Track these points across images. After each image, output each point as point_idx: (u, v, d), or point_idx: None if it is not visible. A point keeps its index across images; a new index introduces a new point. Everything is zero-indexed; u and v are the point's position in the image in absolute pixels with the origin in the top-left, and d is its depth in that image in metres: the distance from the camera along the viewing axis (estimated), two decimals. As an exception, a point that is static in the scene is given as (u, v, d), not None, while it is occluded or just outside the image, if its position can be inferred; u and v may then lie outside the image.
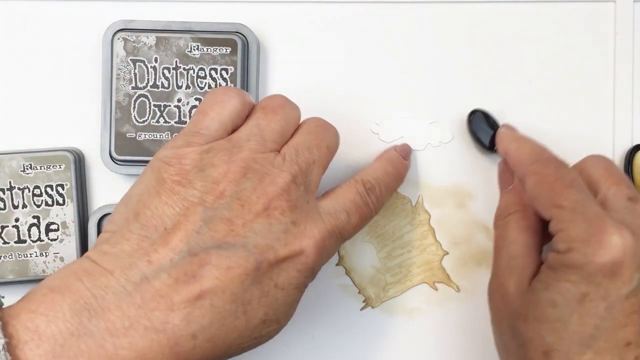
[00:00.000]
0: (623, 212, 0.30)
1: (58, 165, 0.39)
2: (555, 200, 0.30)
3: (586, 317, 0.28)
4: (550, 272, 0.29)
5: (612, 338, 0.28)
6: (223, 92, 0.32)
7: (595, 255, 0.28)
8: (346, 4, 0.41)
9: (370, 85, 0.40)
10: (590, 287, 0.28)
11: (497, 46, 0.40)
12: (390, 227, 0.40)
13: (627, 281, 0.28)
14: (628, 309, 0.28)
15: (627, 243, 0.28)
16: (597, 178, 0.32)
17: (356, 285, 0.40)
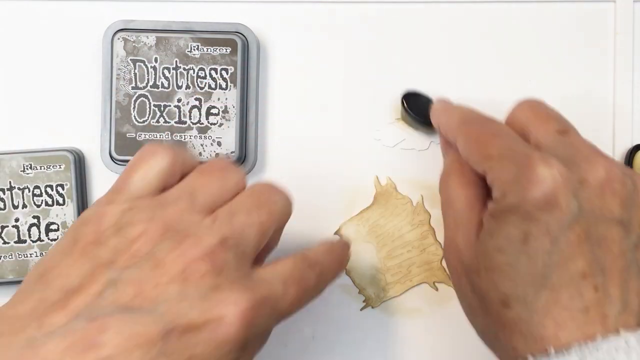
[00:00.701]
0: (555, 147, 0.30)
1: (58, 165, 0.39)
2: (483, 152, 0.30)
3: (534, 256, 0.28)
4: (492, 220, 0.29)
5: (565, 272, 0.27)
6: (151, 149, 0.30)
7: (528, 191, 0.28)
8: (346, 4, 0.41)
9: (370, 85, 0.40)
10: (531, 224, 0.28)
11: (497, 46, 0.40)
12: (390, 227, 0.40)
13: (565, 210, 0.27)
14: (574, 239, 0.27)
15: (557, 172, 0.28)
16: (525, 123, 0.32)
17: (356, 285, 0.40)
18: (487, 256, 0.29)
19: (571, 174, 0.28)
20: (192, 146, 0.38)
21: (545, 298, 0.27)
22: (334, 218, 0.40)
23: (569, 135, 0.31)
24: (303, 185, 0.40)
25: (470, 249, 0.30)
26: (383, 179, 0.40)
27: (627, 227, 0.28)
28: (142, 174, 0.29)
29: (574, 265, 0.27)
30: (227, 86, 0.38)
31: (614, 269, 0.28)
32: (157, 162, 0.30)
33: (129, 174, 0.30)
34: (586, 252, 0.27)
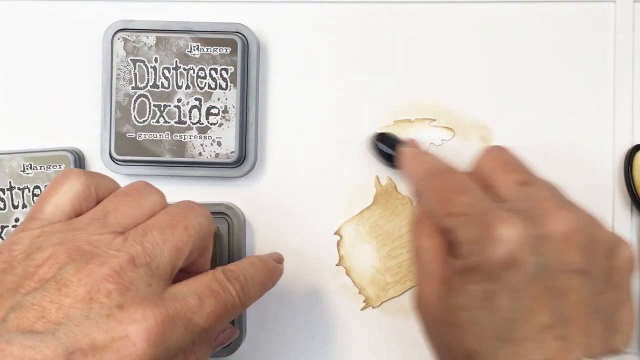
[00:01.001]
0: (516, 199, 0.31)
1: (58, 165, 0.39)
2: (448, 209, 0.31)
3: (497, 312, 0.28)
4: (457, 278, 0.30)
5: (528, 326, 0.28)
6: (64, 175, 0.30)
7: (490, 251, 0.28)
8: (346, 5, 0.41)
9: (370, 86, 0.40)
10: (494, 283, 0.28)
11: (497, 46, 0.40)
12: (390, 227, 0.40)
13: (526, 268, 0.28)
14: (536, 294, 0.28)
15: (517, 231, 0.28)
16: (489, 173, 0.33)
17: (356, 285, 0.40)
18: (452, 312, 0.30)
19: (531, 230, 0.28)
20: (192, 146, 0.38)
21: (509, 351, 0.28)
22: (334, 218, 0.40)
23: (531, 186, 0.31)
24: (303, 185, 0.40)
25: (437, 303, 0.31)
26: (383, 179, 0.40)
27: (588, 275, 0.29)
28: (55, 200, 0.30)
29: (537, 318, 0.28)
30: (227, 86, 0.38)
31: (577, 317, 0.28)
32: (69, 187, 0.30)
33: (42, 200, 0.30)
34: (548, 305, 0.28)
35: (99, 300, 0.26)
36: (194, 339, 0.28)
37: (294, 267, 0.40)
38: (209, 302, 0.28)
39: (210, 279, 0.29)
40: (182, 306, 0.28)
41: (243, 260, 0.32)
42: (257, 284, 0.31)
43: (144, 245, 0.28)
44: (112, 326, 0.26)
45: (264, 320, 0.40)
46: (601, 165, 0.40)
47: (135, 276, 0.27)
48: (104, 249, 0.27)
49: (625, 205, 0.40)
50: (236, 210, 0.39)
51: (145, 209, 0.30)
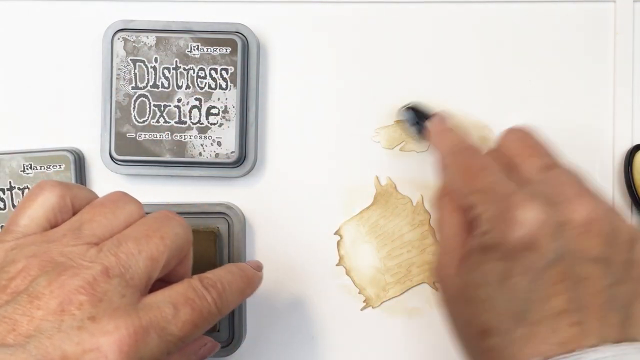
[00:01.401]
0: (540, 183, 0.31)
1: (58, 165, 0.39)
2: (469, 187, 0.31)
3: (513, 292, 0.29)
4: (474, 255, 0.30)
5: (543, 309, 0.28)
6: (39, 186, 0.30)
7: (509, 232, 0.29)
8: (346, 5, 0.41)
9: (370, 86, 0.40)
10: (511, 263, 0.29)
11: (497, 46, 0.40)
12: (390, 227, 0.40)
13: (544, 252, 0.28)
14: (553, 279, 0.28)
15: (538, 215, 0.28)
16: (513, 154, 0.33)
17: (356, 285, 0.40)
18: (470, 288, 0.30)
19: (552, 215, 0.29)
20: (192, 146, 0.38)
21: (523, 332, 0.28)
22: (333, 218, 0.40)
23: (554, 170, 0.31)
24: (303, 185, 0.40)
25: (456, 277, 0.31)
26: (383, 179, 0.40)
27: (607, 264, 0.29)
28: (29, 213, 0.30)
29: (554, 302, 0.28)
30: (227, 86, 0.38)
31: (593, 305, 0.28)
32: (44, 199, 0.30)
33: (17, 213, 0.30)
34: (565, 290, 0.28)
35: (71, 312, 0.26)
36: (169, 348, 0.28)
37: (294, 267, 0.40)
38: (184, 310, 0.28)
39: (186, 287, 0.29)
40: (156, 315, 0.27)
41: (220, 268, 0.32)
42: (235, 291, 0.31)
43: (118, 255, 0.28)
44: (84, 338, 0.26)
45: (264, 320, 0.40)
46: (601, 165, 0.40)
47: (109, 287, 0.27)
48: (77, 261, 0.27)
49: (625, 205, 0.40)
50: (236, 210, 0.39)
51: (121, 219, 0.30)
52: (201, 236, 0.38)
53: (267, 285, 0.40)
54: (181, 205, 0.39)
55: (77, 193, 0.31)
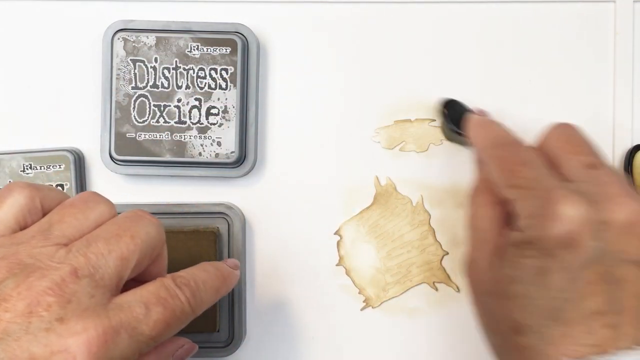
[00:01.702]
0: (583, 181, 0.30)
1: (58, 165, 0.39)
2: (511, 180, 0.31)
3: (550, 290, 0.28)
4: (512, 250, 0.30)
5: (579, 309, 0.28)
6: (8, 188, 0.30)
7: (549, 228, 0.28)
8: (346, 5, 0.41)
9: (370, 85, 0.40)
10: (550, 260, 0.28)
11: (497, 46, 0.40)
12: (390, 227, 0.40)
13: (584, 250, 0.28)
14: (591, 279, 0.28)
15: (580, 212, 0.28)
16: (557, 151, 0.32)
17: (356, 286, 0.40)
18: (505, 283, 0.30)
19: (594, 214, 0.28)
20: (192, 146, 0.38)
21: (558, 331, 0.28)
22: (333, 218, 0.40)
23: (598, 169, 0.31)
24: (303, 185, 0.40)
25: (490, 272, 0.31)
26: (383, 179, 0.40)
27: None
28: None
29: (590, 303, 0.28)
30: (227, 86, 0.38)
31: (630, 308, 0.28)
32: (13, 201, 0.29)
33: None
34: (602, 292, 0.28)
35: (39, 314, 0.26)
36: (141, 348, 0.28)
37: (294, 267, 0.40)
38: (156, 309, 0.28)
39: (158, 286, 0.29)
40: (127, 315, 0.27)
41: (194, 267, 0.31)
42: (210, 289, 0.31)
43: (87, 256, 0.28)
44: (52, 340, 0.25)
45: (264, 320, 0.40)
46: (601, 165, 0.40)
47: (77, 288, 0.27)
48: (46, 262, 0.27)
49: (625, 205, 0.40)
50: (236, 210, 0.39)
51: (91, 219, 0.30)
52: (201, 236, 0.38)
53: (267, 285, 0.40)
54: (181, 205, 0.39)
55: (47, 194, 0.31)
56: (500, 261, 0.30)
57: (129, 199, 0.40)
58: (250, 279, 0.40)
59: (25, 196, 0.30)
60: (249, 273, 0.40)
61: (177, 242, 0.38)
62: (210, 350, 0.39)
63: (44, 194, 0.30)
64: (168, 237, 0.38)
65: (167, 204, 0.39)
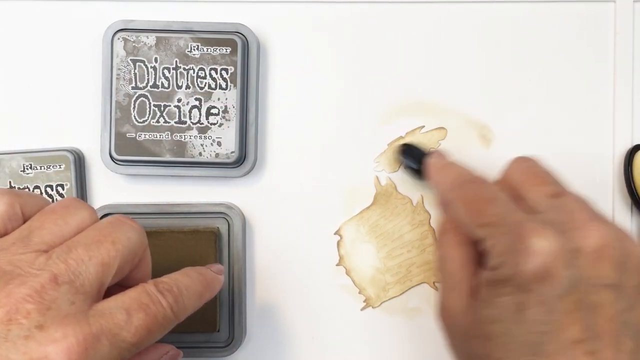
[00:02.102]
0: (549, 211, 0.30)
1: (58, 165, 0.39)
2: (477, 220, 0.31)
3: (528, 325, 0.28)
4: (487, 289, 0.30)
5: (558, 340, 0.28)
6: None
7: (523, 263, 0.28)
8: (346, 5, 0.41)
9: (370, 85, 0.40)
10: (526, 295, 0.28)
11: (497, 46, 0.40)
12: (390, 227, 0.40)
13: (559, 281, 0.28)
14: (568, 308, 0.28)
15: (551, 244, 0.28)
16: (519, 184, 0.32)
17: (356, 285, 0.40)
18: (482, 324, 0.30)
19: (564, 243, 0.28)
20: (192, 146, 0.38)
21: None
22: (333, 218, 0.40)
23: (562, 197, 0.31)
24: (303, 185, 0.40)
25: (464, 314, 0.31)
26: (383, 179, 0.40)
27: (620, 290, 0.29)
28: None
29: (568, 332, 0.28)
30: (227, 86, 0.38)
31: (607, 332, 0.28)
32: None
33: None
34: (580, 319, 0.28)
35: (18, 322, 0.26)
36: (122, 355, 0.27)
37: (294, 267, 0.40)
38: (138, 315, 0.28)
39: (140, 292, 0.29)
40: (108, 322, 0.27)
41: (177, 272, 0.31)
42: (193, 295, 0.31)
43: (67, 262, 0.27)
44: (31, 347, 0.25)
45: (264, 320, 0.40)
46: (601, 165, 0.40)
47: (57, 294, 0.26)
48: (25, 269, 0.27)
49: (625, 205, 0.40)
50: (236, 210, 0.39)
51: (72, 225, 0.29)
52: (201, 236, 0.38)
53: (267, 285, 0.40)
54: (181, 205, 0.39)
55: (27, 200, 0.30)
56: (476, 302, 0.30)
57: (129, 199, 0.40)
58: (251, 279, 0.40)
59: (4, 203, 0.29)
60: (249, 273, 0.40)
61: (177, 242, 0.38)
62: (210, 350, 0.39)
63: (24, 200, 0.30)
64: (168, 237, 0.38)
65: (167, 204, 0.39)
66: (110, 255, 0.28)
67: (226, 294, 0.38)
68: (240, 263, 0.39)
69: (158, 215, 0.39)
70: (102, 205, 0.39)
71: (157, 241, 0.38)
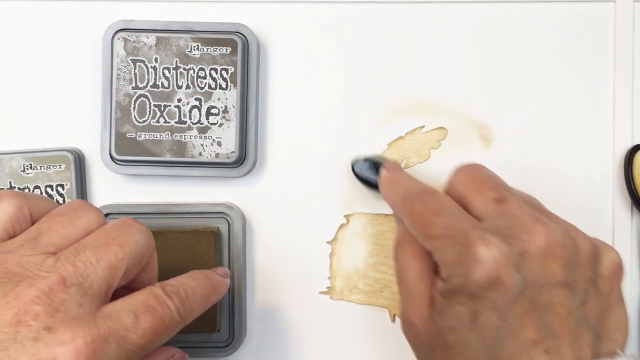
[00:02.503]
0: (493, 217, 0.31)
1: (58, 165, 0.39)
2: (426, 232, 0.31)
3: (484, 332, 0.28)
4: (441, 300, 0.30)
5: (515, 343, 0.28)
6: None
7: (471, 274, 0.28)
8: (346, 5, 0.41)
9: (370, 86, 0.40)
10: (478, 303, 0.28)
11: (497, 46, 0.40)
12: (391, 243, 0.40)
13: (509, 286, 0.28)
14: (521, 311, 0.28)
15: (498, 250, 0.28)
16: (463, 192, 0.33)
17: (330, 271, 0.40)
18: (440, 334, 0.30)
19: (511, 248, 0.29)
20: (192, 146, 0.38)
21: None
22: (333, 218, 0.40)
23: (505, 203, 0.31)
24: (303, 185, 0.40)
25: (424, 325, 0.31)
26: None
27: (572, 287, 0.29)
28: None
29: (524, 334, 0.28)
30: (227, 86, 0.38)
31: (564, 329, 0.29)
32: (1, 210, 0.30)
33: None
34: (534, 320, 0.28)
35: (27, 323, 0.26)
36: (129, 357, 0.28)
37: (294, 267, 0.40)
38: (145, 318, 0.28)
39: (147, 294, 0.29)
40: (116, 324, 0.27)
41: (184, 275, 0.32)
42: (199, 298, 0.31)
43: (76, 264, 0.28)
44: (40, 349, 0.26)
45: (264, 320, 0.41)
46: (601, 165, 0.40)
47: (66, 297, 0.27)
48: (34, 271, 0.27)
49: (625, 205, 0.40)
50: (236, 210, 0.39)
51: (80, 228, 0.30)
52: (201, 236, 0.38)
53: (267, 285, 0.40)
54: (181, 205, 0.39)
55: (36, 203, 0.31)
56: (433, 312, 0.31)
57: (129, 199, 0.40)
58: (251, 279, 0.40)
59: (13, 205, 0.30)
60: (249, 273, 0.40)
61: (177, 242, 0.38)
62: (210, 350, 0.39)
63: (32, 202, 0.30)
64: (168, 237, 0.38)
65: (168, 204, 0.39)
66: (118, 257, 0.29)
67: (226, 294, 0.38)
68: (240, 263, 0.39)
69: (158, 215, 0.39)
70: (102, 205, 0.39)
71: (157, 241, 0.37)
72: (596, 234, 0.32)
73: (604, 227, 0.40)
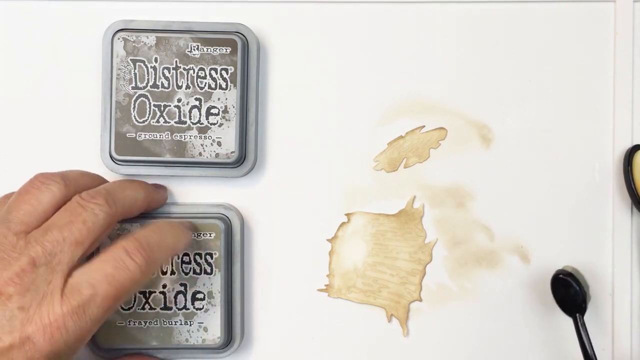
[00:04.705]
0: None
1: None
2: None
3: None
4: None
5: None
6: None
7: None
8: (346, 4, 0.41)
9: (370, 85, 0.41)
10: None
11: (497, 46, 0.40)
12: (393, 244, 0.40)
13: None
14: None
15: None
16: None
17: (329, 269, 0.40)
18: None
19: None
20: (192, 146, 0.38)
21: None
22: (333, 218, 0.40)
23: None
24: (303, 185, 0.40)
25: None
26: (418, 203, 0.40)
27: None
28: None
29: None
30: (227, 86, 0.38)
31: None
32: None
33: None
34: None
35: (3, 304, 0.28)
36: (94, 325, 0.30)
37: (293, 267, 0.40)
38: (104, 287, 0.30)
39: (107, 259, 0.31)
40: (79, 298, 0.30)
41: (149, 228, 0.34)
42: (165, 249, 0.33)
43: (44, 244, 0.30)
44: (15, 327, 0.28)
45: (264, 320, 0.40)
46: (601, 165, 0.40)
47: (35, 276, 0.29)
48: (9, 252, 0.30)
49: (625, 205, 0.40)
50: (235, 210, 0.39)
51: (45, 203, 0.32)
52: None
53: (265, 286, 0.40)
54: (181, 205, 0.39)
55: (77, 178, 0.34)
56: None
57: (129, 199, 0.40)
58: (249, 279, 0.40)
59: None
60: (248, 273, 0.40)
61: (177, 242, 0.38)
62: (207, 351, 0.39)
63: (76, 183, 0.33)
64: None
65: (167, 204, 0.39)
66: (82, 234, 0.31)
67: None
68: (239, 263, 0.39)
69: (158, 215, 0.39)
70: (102, 205, 0.39)
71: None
72: (596, 233, 0.32)
73: (604, 227, 0.40)
